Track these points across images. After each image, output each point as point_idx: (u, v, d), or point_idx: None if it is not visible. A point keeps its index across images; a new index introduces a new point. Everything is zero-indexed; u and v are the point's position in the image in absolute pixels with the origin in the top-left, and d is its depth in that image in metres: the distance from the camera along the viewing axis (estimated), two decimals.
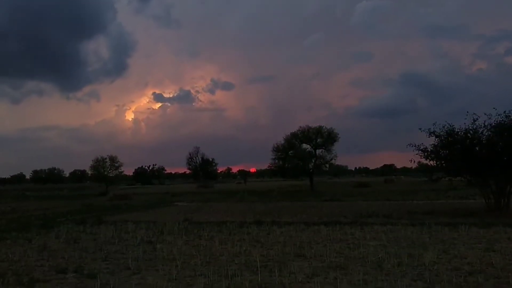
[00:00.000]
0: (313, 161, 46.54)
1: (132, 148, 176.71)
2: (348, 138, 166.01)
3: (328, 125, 48.15)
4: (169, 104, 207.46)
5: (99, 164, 57.55)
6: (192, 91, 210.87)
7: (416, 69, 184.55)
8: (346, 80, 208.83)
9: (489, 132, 15.17)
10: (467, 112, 15.39)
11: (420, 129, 16.31)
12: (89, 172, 68.94)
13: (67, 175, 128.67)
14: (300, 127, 46.80)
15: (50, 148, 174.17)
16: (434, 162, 16.48)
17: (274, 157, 47.36)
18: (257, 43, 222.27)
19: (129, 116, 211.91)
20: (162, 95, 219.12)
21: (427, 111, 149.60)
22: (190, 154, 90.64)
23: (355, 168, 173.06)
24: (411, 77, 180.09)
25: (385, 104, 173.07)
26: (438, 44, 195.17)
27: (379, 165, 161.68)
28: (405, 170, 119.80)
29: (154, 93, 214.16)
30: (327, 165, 48.67)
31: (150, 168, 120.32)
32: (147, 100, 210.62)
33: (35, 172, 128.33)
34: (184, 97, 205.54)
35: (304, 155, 46.25)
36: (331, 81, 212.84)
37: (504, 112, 14.94)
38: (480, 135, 15.34)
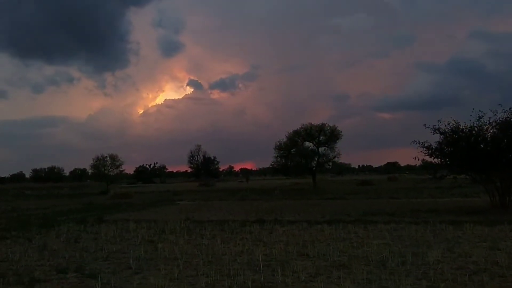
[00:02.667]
0: (316, 159, 46.43)
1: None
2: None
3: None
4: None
5: (99, 162, 57.50)
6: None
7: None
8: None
9: (494, 129, 15.06)
10: (473, 109, 15.32)
11: (424, 125, 16.24)
12: (90, 171, 68.83)
13: (67, 173, 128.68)
14: (303, 124, 46.70)
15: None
16: (439, 159, 16.38)
17: (276, 155, 47.31)
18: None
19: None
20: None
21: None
22: (191, 152, 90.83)
23: (358, 166, 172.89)
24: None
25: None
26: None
27: (382, 162, 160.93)
28: (409, 168, 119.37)
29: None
30: (330, 163, 48.55)
31: (151, 166, 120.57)
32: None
33: (35, 170, 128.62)
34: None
35: (306, 153, 46.15)
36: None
37: (510, 108, 14.85)
38: (485, 132, 15.23)
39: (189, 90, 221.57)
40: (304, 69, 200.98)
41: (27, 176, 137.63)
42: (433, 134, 16.03)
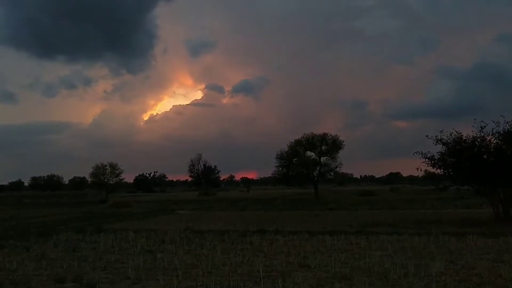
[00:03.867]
0: (318, 169, 46.35)
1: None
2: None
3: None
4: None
5: (99, 171, 57.49)
6: None
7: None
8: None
9: (497, 140, 15.00)
10: (475, 119, 15.28)
11: (427, 136, 16.19)
12: (89, 179, 68.79)
13: (67, 182, 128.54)
14: (304, 134, 46.74)
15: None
16: (441, 170, 16.29)
17: (278, 164, 47.26)
18: None
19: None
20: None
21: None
22: (192, 161, 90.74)
23: (360, 176, 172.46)
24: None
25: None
26: None
27: (385, 172, 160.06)
28: (411, 179, 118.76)
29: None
30: (332, 173, 48.46)
31: (151, 175, 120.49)
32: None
33: (34, 178, 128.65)
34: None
35: (308, 162, 46.09)
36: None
37: None
38: (488, 143, 15.17)
39: (197, 95, 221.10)
40: (319, 74, 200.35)
41: (26, 184, 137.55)
42: (436, 145, 15.98)
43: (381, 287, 6.00)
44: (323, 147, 45.93)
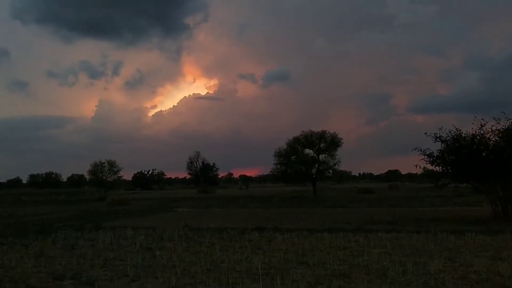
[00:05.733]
0: (316, 166, 46.31)
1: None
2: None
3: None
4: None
5: (97, 168, 57.33)
6: None
7: None
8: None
9: (497, 138, 14.99)
10: (475, 117, 15.28)
11: (426, 133, 16.17)
12: (87, 177, 68.59)
13: (65, 179, 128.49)
14: (303, 131, 46.65)
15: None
16: (440, 167, 16.28)
17: (276, 162, 47.19)
18: None
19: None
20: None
21: None
22: (190, 159, 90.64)
23: (359, 173, 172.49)
24: None
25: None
26: None
27: (384, 170, 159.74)
28: (410, 176, 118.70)
29: None
30: (330, 171, 48.42)
31: (150, 172, 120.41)
32: None
33: (32, 176, 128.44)
34: None
35: (307, 160, 46.05)
36: None
37: None
38: (487, 140, 15.16)
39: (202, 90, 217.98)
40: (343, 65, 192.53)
41: (24, 181, 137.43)
42: (435, 142, 15.96)
43: (379, 285, 6.00)
44: (321, 145, 45.86)
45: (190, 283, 6.38)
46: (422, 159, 16.27)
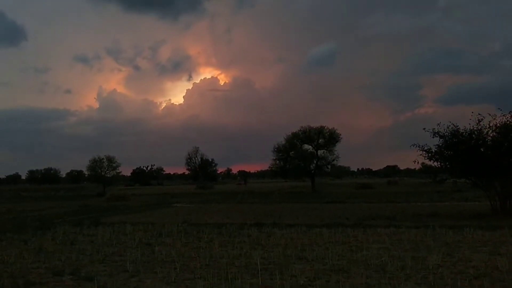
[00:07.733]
0: (315, 162, 46.36)
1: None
2: None
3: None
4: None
5: (96, 164, 57.31)
6: None
7: None
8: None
9: (494, 133, 15.01)
10: (472, 112, 15.29)
11: (424, 129, 16.17)
12: (86, 173, 68.63)
13: (64, 175, 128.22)
14: (302, 127, 46.65)
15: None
16: (438, 163, 16.30)
17: (275, 157, 47.24)
18: None
19: None
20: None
21: None
22: (189, 154, 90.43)
23: (358, 169, 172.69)
24: None
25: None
26: None
27: (381, 166, 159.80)
28: (408, 171, 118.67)
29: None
30: (329, 166, 48.47)
31: (149, 168, 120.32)
32: None
33: (31, 172, 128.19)
34: None
35: (305, 155, 46.09)
36: None
37: (510, 112, 14.80)
38: (485, 136, 15.17)
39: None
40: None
41: (23, 177, 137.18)
42: (432, 137, 15.97)
43: (378, 280, 6.00)
44: (320, 140, 45.90)
45: (189, 278, 6.38)
46: (421, 155, 16.30)
